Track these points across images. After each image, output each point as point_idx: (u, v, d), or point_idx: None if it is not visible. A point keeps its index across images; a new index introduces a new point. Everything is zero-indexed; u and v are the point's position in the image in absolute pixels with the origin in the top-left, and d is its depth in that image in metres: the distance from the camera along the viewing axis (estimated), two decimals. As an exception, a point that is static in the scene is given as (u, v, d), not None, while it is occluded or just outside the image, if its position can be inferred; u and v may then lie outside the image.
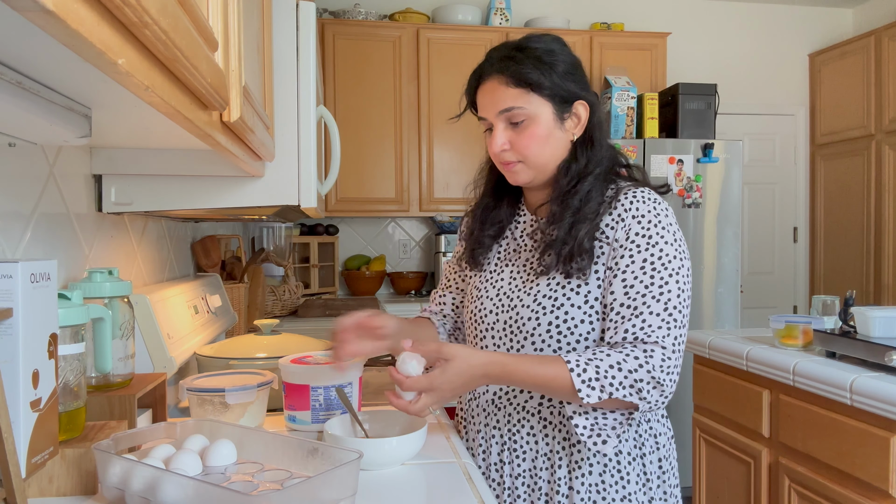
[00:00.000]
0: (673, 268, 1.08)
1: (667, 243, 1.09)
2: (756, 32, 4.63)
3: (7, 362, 0.76)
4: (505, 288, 1.22)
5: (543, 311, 1.14)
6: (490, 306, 1.23)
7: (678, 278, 1.08)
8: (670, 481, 1.20)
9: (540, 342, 1.15)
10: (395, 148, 3.85)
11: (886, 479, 1.56)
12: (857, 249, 4.29)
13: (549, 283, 1.15)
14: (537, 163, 1.15)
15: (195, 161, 1.26)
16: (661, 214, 1.11)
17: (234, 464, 0.95)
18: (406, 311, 3.61)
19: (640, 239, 1.10)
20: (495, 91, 1.14)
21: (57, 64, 0.65)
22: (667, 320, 1.06)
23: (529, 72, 1.11)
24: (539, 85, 1.12)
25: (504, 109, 1.13)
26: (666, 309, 1.06)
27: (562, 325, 1.13)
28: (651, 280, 1.07)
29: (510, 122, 1.14)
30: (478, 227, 1.29)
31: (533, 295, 1.16)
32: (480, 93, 1.17)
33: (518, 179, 1.18)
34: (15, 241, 1.04)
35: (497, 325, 1.21)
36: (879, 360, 1.68)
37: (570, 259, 1.11)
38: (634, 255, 1.09)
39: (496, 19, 4.00)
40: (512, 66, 1.12)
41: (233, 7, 0.81)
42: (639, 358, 1.03)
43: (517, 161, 1.15)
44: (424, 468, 1.05)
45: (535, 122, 1.13)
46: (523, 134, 1.13)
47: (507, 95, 1.13)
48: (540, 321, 1.14)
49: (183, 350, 1.44)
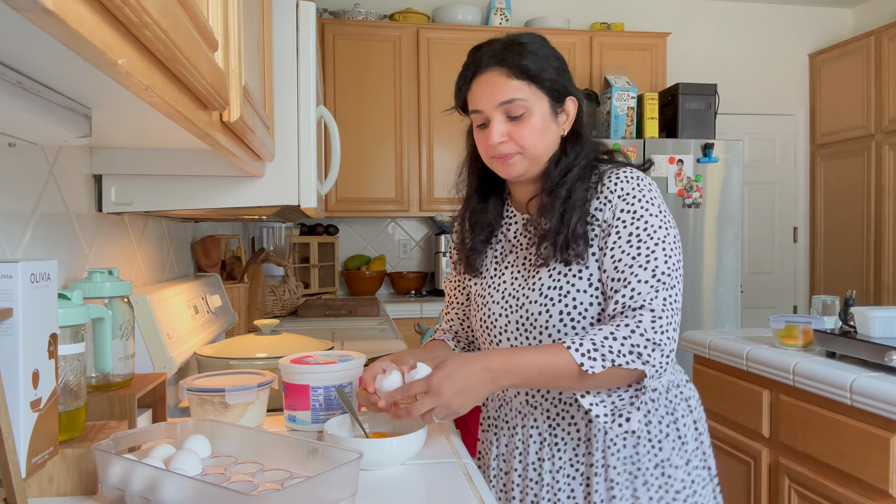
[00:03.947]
0: (659, 237, 1.10)
1: (651, 215, 1.11)
2: (756, 32, 4.63)
3: (7, 362, 0.76)
4: (509, 289, 1.22)
5: (551, 301, 1.15)
6: (498, 309, 1.23)
7: (664, 246, 1.09)
8: (706, 442, 1.23)
9: (555, 332, 1.15)
10: (395, 148, 3.85)
11: (886, 479, 1.56)
12: (857, 249, 4.29)
13: (550, 273, 1.16)
14: (534, 154, 1.15)
15: (195, 161, 1.26)
16: (643, 189, 1.13)
17: (234, 463, 0.95)
18: (406, 310, 3.61)
19: (626, 215, 1.11)
20: (495, 83, 1.13)
21: (57, 64, 0.65)
22: (654, 285, 1.07)
23: (530, 64, 1.11)
24: (539, 77, 1.12)
25: (505, 101, 1.12)
26: (654, 276, 1.07)
27: (572, 311, 1.14)
28: (637, 251, 1.09)
29: (508, 116, 1.13)
30: (468, 233, 1.29)
31: (538, 289, 1.16)
32: (476, 85, 1.15)
33: (512, 172, 1.17)
34: (15, 241, 1.04)
35: (510, 326, 1.21)
36: (879, 360, 1.68)
37: (567, 247, 1.12)
38: (621, 230, 1.11)
39: (496, 19, 4.00)
40: (512, 58, 1.12)
41: (233, 7, 0.81)
42: (630, 325, 1.04)
43: (515, 153, 1.15)
44: (424, 468, 1.05)
45: (534, 114, 1.13)
46: (522, 125, 1.13)
47: (508, 87, 1.12)
48: (551, 312, 1.15)
49: (183, 350, 1.43)
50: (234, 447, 0.99)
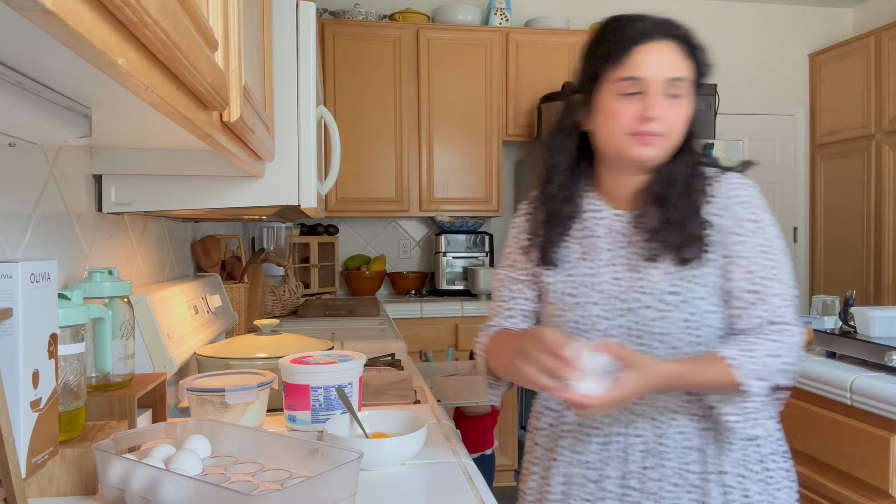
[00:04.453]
0: (782, 248, 1.13)
1: (772, 225, 1.13)
2: (756, 32, 4.63)
3: (7, 362, 0.76)
4: (611, 290, 1.13)
5: (669, 308, 1.10)
6: (599, 311, 1.14)
7: (785, 257, 1.13)
8: None
9: (674, 340, 1.11)
10: (395, 148, 3.85)
11: (886, 479, 1.56)
12: (857, 249, 4.29)
13: (665, 278, 1.10)
14: (675, 142, 1.11)
15: (195, 161, 1.26)
16: (759, 198, 1.15)
17: (234, 463, 0.95)
18: (406, 310, 3.61)
19: (750, 224, 1.12)
20: (670, 55, 1.07)
21: (57, 64, 0.65)
22: (787, 299, 1.10)
23: (698, 50, 1.10)
24: (703, 69, 1.11)
25: (675, 77, 1.07)
26: (787, 289, 1.11)
27: (692, 319, 1.10)
28: (769, 263, 1.11)
29: (668, 94, 1.07)
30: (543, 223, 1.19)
31: (656, 293, 1.10)
32: (644, 51, 1.07)
33: (649, 154, 1.09)
34: (15, 241, 1.04)
35: (614, 330, 1.13)
36: (879, 360, 1.68)
37: (687, 245, 1.09)
38: (747, 241, 1.11)
39: (496, 19, 4.00)
40: (686, 38, 1.09)
41: (233, 7, 0.81)
42: (785, 343, 1.07)
43: (661, 134, 1.08)
44: (424, 468, 1.05)
45: (689, 100, 1.10)
46: (679, 107, 1.09)
47: (682, 64, 1.08)
48: (668, 318, 1.10)
49: (183, 350, 1.44)
50: (234, 447, 0.99)
